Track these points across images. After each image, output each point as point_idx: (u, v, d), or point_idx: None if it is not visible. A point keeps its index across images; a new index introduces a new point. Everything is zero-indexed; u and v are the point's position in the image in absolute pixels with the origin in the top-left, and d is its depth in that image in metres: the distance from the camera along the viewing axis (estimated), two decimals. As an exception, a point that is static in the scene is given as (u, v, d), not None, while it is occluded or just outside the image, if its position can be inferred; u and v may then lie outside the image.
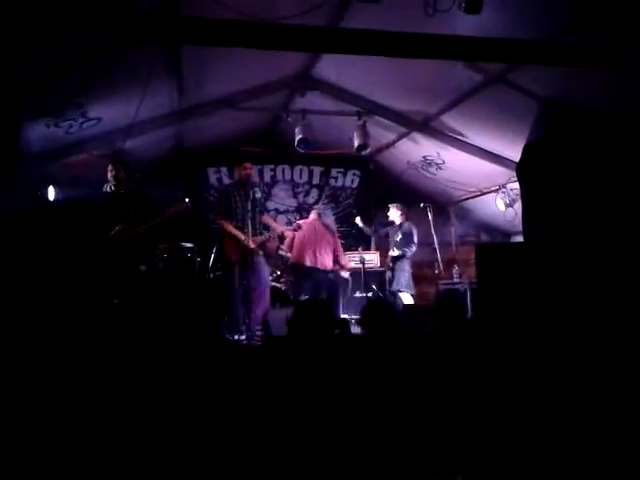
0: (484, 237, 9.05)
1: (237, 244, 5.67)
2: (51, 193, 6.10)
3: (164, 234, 5.88)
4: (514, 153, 6.28)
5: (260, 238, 5.83)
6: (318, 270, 6.60)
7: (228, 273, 5.94)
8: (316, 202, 9.05)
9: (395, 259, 7.11)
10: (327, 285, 6.72)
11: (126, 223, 5.07)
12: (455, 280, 7.69)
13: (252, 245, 5.60)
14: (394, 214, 7.32)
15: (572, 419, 2.61)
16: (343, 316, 7.03)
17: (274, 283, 6.90)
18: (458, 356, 3.09)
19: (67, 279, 4.81)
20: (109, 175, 5.31)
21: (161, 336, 2.91)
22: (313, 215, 7.11)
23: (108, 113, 5.57)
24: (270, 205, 8.77)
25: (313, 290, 6.54)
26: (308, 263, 6.57)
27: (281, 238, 6.58)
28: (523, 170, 6.08)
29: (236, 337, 5.75)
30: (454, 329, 3.69)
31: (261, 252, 5.83)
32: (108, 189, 5.37)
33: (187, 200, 5.62)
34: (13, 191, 4.76)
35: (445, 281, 7.33)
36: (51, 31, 3.61)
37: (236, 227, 5.70)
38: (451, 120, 6.56)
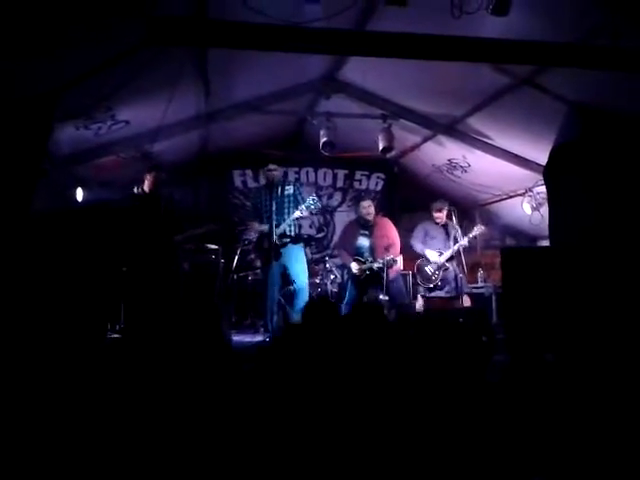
0: (509, 241, 8.95)
1: (265, 244, 5.78)
2: (79, 194, 6.22)
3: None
4: (541, 156, 6.21)
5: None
6: None
7: (263, 273, 6.27)
8: (339, 205, 9.06)
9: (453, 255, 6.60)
10: None
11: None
12: (480, 284, 7.62)
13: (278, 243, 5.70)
14: (445, 213, 6.78)
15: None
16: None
17: None
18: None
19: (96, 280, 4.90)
20: (149, 179, 5.41)
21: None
22: None
23: (136, 116, 5.65)
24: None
25: None
26: None
27: None
28: (550, 174, 6.01)
29: (260, 337, 5.81)
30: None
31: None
32: (139, 190, 5.44)
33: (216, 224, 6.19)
34: (44, 192, 4.85)
35: (470, 285, 7.25)
36: (83, 34, 3.67)
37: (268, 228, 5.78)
38: (477, 123, 6.50)
